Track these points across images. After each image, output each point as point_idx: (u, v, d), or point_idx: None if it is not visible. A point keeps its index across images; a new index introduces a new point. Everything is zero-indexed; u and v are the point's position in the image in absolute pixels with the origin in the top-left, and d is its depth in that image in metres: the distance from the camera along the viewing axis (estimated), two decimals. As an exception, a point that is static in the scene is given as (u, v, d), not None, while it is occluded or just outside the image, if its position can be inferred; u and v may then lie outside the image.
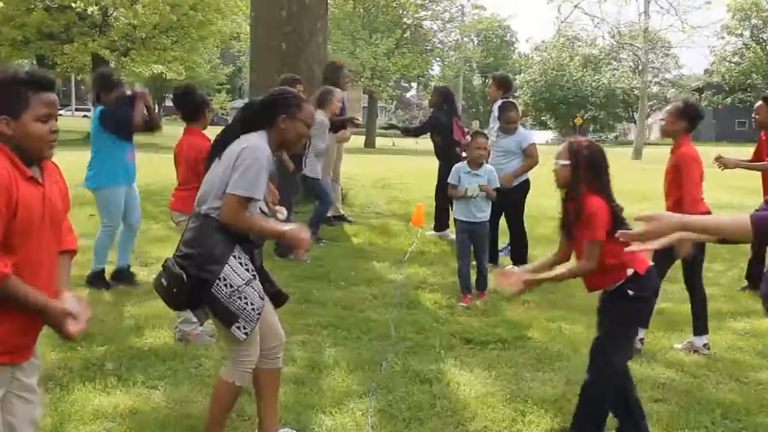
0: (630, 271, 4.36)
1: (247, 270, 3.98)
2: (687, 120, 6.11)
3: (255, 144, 3.97)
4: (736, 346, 6.34)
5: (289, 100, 4.17)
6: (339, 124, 10.17)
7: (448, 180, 7.82)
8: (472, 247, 7.81)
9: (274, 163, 4.13)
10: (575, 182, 4.43)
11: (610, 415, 4.49)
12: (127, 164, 7.64)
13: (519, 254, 9.14)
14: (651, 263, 4.50)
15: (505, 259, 9.40)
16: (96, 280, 7.65)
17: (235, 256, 3.96)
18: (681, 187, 6.07)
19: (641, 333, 5.82)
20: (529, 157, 9.06)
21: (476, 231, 7.70)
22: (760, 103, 8.25)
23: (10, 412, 3.11)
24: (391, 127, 13.37)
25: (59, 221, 3.17)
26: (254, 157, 3.90)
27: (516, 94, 10.20)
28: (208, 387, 5.16)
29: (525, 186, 9.24)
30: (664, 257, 5.72)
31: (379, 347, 6.13)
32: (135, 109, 7.38)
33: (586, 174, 4.40)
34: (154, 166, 14.74)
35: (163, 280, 4.01)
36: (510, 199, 8.83)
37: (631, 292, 4.35)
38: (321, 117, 8.95)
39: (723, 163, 7.81)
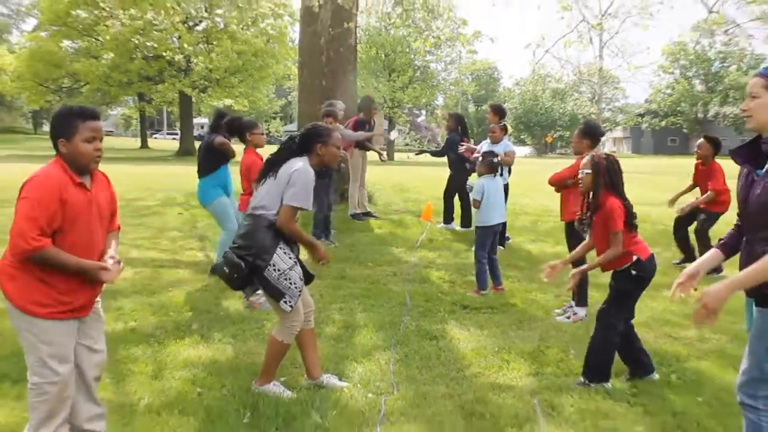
0: (635, 257, 4.38)
1: (290, 258, 4.04)
2: (589, 138, 5.93)
3: (303, 167, 4.01)
4: (668, 309, 6.29)
5: (320, 131, 4.20)
6: (365, 143, 10.22)
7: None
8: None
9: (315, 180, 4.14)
10: (596, 186, 4.48)
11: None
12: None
13: (500, 237, 9.18)
14: (652, 251, 4.48)
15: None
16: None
17: (281, 247, 4.01)
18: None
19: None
20: (507, 156, 9.08)
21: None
22: (701, 140, 8.22)
23: (79, 358, 3.25)
24: (422, 152, 13.26)
25: (106, 215, 3.32)
26: (305, 178, 3.97)
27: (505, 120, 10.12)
28: (269, 343, 5.22)
29: (504, 188, 9.21)
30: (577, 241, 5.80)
31: (397, 312, 6.14)
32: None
33: (604, 179, 4.45)
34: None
35: (225, 269, 4.02)
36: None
37: (634, 272, 4.38)
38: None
39: (683, 210, 8.25)
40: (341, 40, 11.55)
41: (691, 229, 8.39)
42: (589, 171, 4.49)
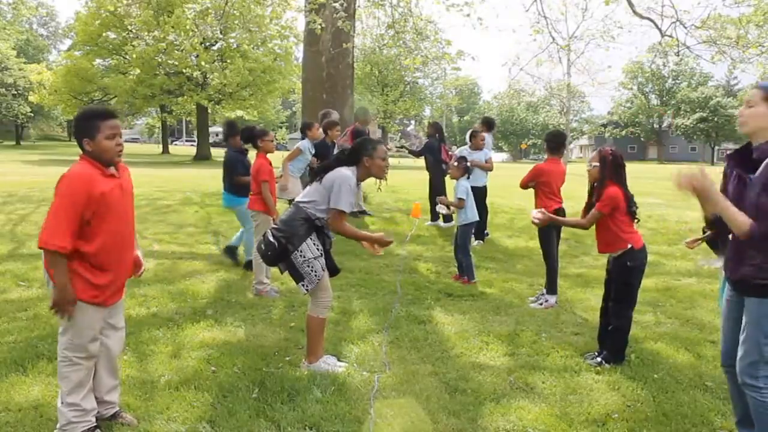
0: (629, 245, 4.34)
1: (317, 249, 4.05)
2: (546, 145, 6.16)
3: (343, 174, 3.99)
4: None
5: (367, 145, 4.13)
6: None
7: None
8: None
9: (357, 186, 4.11)
10: (602, 177, 4.42)
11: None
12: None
13: (480, 233, 9.16)
14: (644, 242, 4.45)
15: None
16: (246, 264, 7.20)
17: (311, 238, 4.03)
18: (540, 184, 6.06)
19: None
20: (488, 162, 9.13)
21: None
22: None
23: (107, 336, 3.30)
24: (402, 147, 13.37)
25: (132, 200, 3.28)
26: (345, 183, 3.94)
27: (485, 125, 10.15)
28: (275, 327, 5.18)
29: (484, 189, 9.20)
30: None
31: (389, 299, 6.11)
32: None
33: (610, 171, 4.40)
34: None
35: (262, 245, 4.09)
36: (477, 198, 8.92)
37: (629, 263, 4.35)
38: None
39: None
40: (340, 58, 11.51)
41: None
42: (597, 164, 4.45)
